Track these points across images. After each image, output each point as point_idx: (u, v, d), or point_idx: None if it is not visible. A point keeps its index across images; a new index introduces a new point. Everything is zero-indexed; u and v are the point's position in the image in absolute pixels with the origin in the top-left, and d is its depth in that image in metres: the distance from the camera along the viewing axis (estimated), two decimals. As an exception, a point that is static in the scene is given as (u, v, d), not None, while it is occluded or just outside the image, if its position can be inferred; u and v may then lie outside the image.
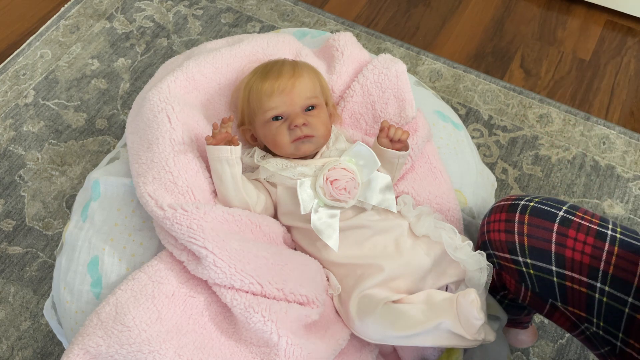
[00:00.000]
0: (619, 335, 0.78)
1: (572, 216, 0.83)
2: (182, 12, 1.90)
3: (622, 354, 0.79)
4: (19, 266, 1.42)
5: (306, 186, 0.92)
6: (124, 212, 0.96)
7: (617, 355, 0.80)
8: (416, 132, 1.03)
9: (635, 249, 0.79)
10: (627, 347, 0.78)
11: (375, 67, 1.09)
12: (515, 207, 0.86)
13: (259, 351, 0.84)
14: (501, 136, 1.63)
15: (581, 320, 0.83)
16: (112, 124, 1.65)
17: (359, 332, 0.89)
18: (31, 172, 1.56)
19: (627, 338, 0.77)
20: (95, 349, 0.79)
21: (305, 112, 0.97)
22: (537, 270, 0.84)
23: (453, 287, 0.93)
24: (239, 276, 0.83)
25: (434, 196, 1.02)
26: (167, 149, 0.92)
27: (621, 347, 0.78)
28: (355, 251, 0.93)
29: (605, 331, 0.80)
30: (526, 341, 1.19)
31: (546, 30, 1.87)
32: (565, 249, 0.81)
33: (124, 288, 0.84)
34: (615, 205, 1.50)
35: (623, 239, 0.80)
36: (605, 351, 0.82)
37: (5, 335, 1.33)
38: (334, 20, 1.88)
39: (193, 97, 1.03)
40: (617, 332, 0.78)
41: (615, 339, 0.79)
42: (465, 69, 1.76)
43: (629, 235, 0.81)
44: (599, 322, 0.80)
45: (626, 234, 0.81)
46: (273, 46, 1.12)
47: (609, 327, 0.79)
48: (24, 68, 1.76)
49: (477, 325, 0.81)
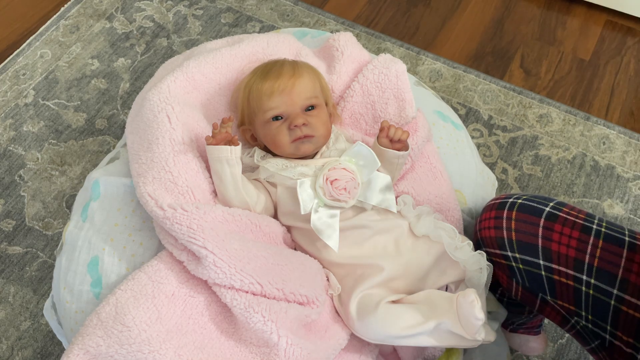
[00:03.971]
0: (607, 328, 0.80)
1: (558, 212, 0.85)
2: (182, 12, 1.90)
3: (612, 347, 0.80)
4: (19, 266, 1.42)
5: (306, 186, 0.92)
6: (124, 212, 0.96)
7: (607, 349, 0.81)
8: (416, 132, 1.03)
9: (619, 242, 0.81)
10: (615, 339, 0.79)
11: (375, 67, 1.09)
12: (504, 204, 0.90)
13: (259, 351, 0.84)
14: (501, 136, 1.63)
15: (571, 314, 0.84)
16: (112, 124, 1.65)
17: (359, 332, 0.89)
18: (31, 172, 1.56)
19: (615, 331, 0.79)
20: (95, 349, 0.79)
21: (305, 112, 0.97)
22: (526, 265, 0.86)
23: (453, 287, 0.94)
24: (239, 276, 0.83)
25: (434, 196, 1.03)
26: (167, 149, 0.92)
27: (610, 340, 0.80)
28: (355, 251, 0.93)
29: (594, 324, 0.81)
30: (537, 348, 1.19)
31: (546, 30, 1.87)
32: (552, 243, 0.83)
33: (124, 288, 0.84)
34: (615, 205, 1.50)
35: (608, 232, 0.82)
36: (595, 345, 0.83)
37: (5, 335, 1.33)
38: (334, 20, 1.88)
39: (193, 97, 1.03)
40: (605, 324, 0.80)
41: (604, 332, 0.80)
42: (465, 69, 1.76)
43: (614, 229, 0.83)
44: (587, 316, 0.81)
45: (611, 228, 0.83)
46: (273, 46, 1.12)
47: (597, 320, 0.81)
48: (24, 68, 1.76)
49: (477, 325, 0.81)
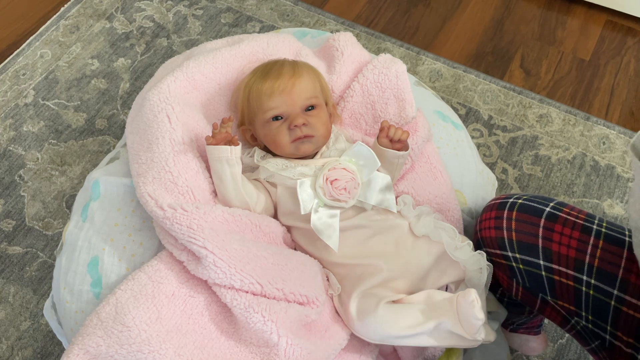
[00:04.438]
0: (607, 329, 0.80)
1: (558, 212, 0.85)
2: (182, 12, 1.90)
3: (612, 347, 0.80)
4: (19, 266, 1.42)
5: (306, 186, 0.92)
6: (124, 212, 0.96)
7: (607, 349, 0.81)
8: (416, 132, 1.03)
9: (620, 242, 0.80)
10: (615, 340, 0.79)
11: (375, 67, 1.09)
12: (504, 204, 0.90)
13: (259, 351, 0.84)
14: (501, 136, 1.63)
15: (571, 314, 0.84)
16: (112, 124, 1.65)
17: (359, 332, 0.89)
18: (31, 172, 1.56)
19: (615, 331, 0.79)
20: (95, 349, 0.79)
21: (305, 112, 0.97)
22: (526, 265, 0.86)
23: (453, 287, 0.94)
24: (239, 276, 0.83)
25: (434, 196, 1.03)
26: (167, 149, 0.92)
27: (610, 340, 0.80)
28: (355, 251, 0.93)
29: (594, 324, 0.81)
30: (537, 348, 1.19)
31: (546, 30, 1.87)
32: (552, 243, 0.83)
33: (123, 288, 0.84)
34: (615, 205, 1.50)
35: (608, 232, 0.82)
36: (595, 345, 0.83)
37: (5, 335, 1.33)
38: (334, 20, 1.88)
39: (193, 97, 1.03)
40: (606, 325, 0.80)
41: (604, 332, 0.80)
42: (465, 69, 1.76)
43: (615, 229, 0.83)
44: (587, 316, 0.81)
45: (612, 228, 0.83)
46: (273, 46, 1.12)
47: (598, 320, 0.81)
48: (24, 68, 1.76)
49: (477, 325, 0.81)
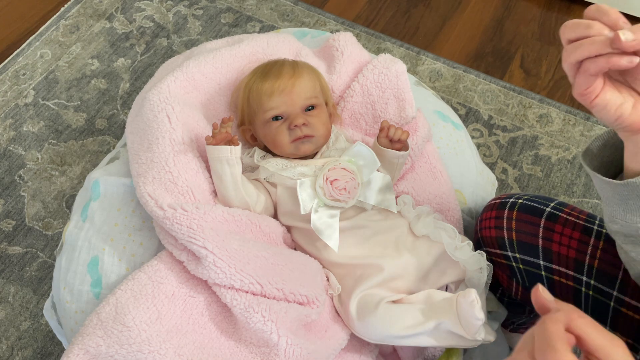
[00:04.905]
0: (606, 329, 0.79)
1: (559, 212, 0.85)
2: (182, 12, 1.90)
3: None
4: (18, 266, 1.42)
5: (306, 186, 0.92)
6: (124, 212, 0.96)
7: None
8: (416, 132, 1.03)
9: None
10: None
11: (375, 67, 1.09)
12: (504, 204, 0.89)
13: (259, 351, 0.84)
14: (501, 136, 1.63)
15: None
16: (112, 124, 1.65)
17: (359, 332, 0.89)
18: (31, 172, 1.56)
19: (614, 332, 0.78)
20: (95, 349, 0.79)
21: (305, 112, 0.97)
22: (526, 265, 0.86)
23: (453, 287, 0.94)
24: (239, 276, 0.83)
25: (434, 196, 1.03)
26: (167, 149, 0.92)
27: None
28: (355, 251, 0.93)
29: None
30: None
31: (546, 30, 1.87)
32: (552, 243, 0.83)
33: (123, 288, 0.84)
34: (615, 205, 1.50)
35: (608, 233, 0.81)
36: None
37: (5, 335, 1.33)
38: (334, 20, 1.88)
39: (193, 97, 1.03)
40: (605, 325, 0.79)
41: None
42: (465, 69, 1.76)
43: None
44: None
45: None
46: (273, 46, 1.12)
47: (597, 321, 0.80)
48: (23, 68, 1.76)
49: (477, 326, 0.81)
